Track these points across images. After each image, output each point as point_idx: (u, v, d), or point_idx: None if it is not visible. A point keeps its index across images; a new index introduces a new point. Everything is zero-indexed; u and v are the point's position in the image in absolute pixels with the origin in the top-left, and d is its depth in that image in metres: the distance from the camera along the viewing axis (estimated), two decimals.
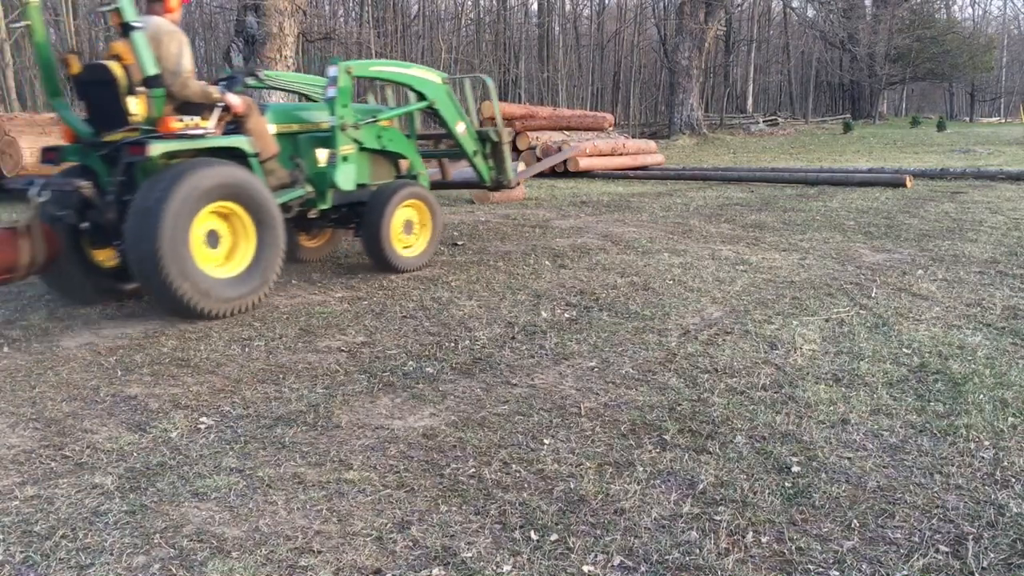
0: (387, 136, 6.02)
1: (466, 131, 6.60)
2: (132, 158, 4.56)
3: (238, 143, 4.94)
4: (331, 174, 5.51)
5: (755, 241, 7.08)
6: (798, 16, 43.71)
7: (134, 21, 4.51)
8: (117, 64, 4.64)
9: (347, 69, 5.55)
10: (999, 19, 65.85)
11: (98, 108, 4.86)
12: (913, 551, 2.25)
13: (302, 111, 5.88)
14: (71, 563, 2.18)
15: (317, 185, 5.57)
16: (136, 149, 4.50)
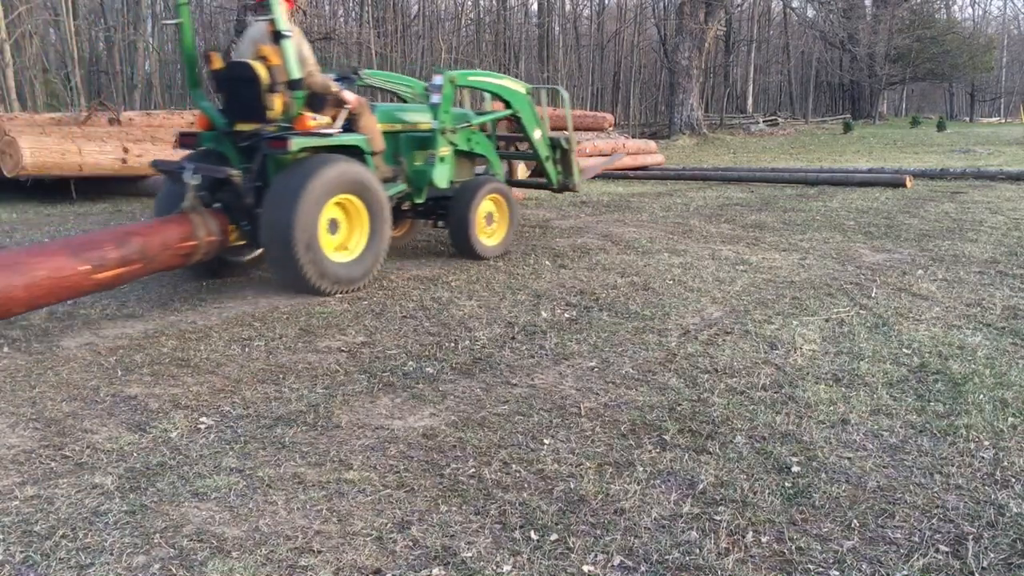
0: (475, 139, 6.61)
1: (541, 138, 7.13)
2: (273, 151, 5.08)
3: (358, 142, 5.45)
4: (429, 172, 6.07)
5: (755, 241, 7.08)
6: (798, 16, 43.71)
7: (285, 30, 5.01)
8: (261, 64, 5.10)
9: (451, 79, 6.22)
10: (999, 19, 65.84)
11: (235, 101, 5.34)
12: (913, 551, 2.25)
13: (402, 112, 6.32)
14: (71, 563, 2.18)
15: (415, 182, 6.12)
16: (278, 144, 5.01)
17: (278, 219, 4.88)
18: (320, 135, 5.22)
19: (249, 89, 5.13)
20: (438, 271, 5.82)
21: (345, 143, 5.37)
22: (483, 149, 6.72)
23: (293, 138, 5.00)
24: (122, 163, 9.36)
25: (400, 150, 6.14)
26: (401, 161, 6.13)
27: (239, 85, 5.22)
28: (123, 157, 9.36)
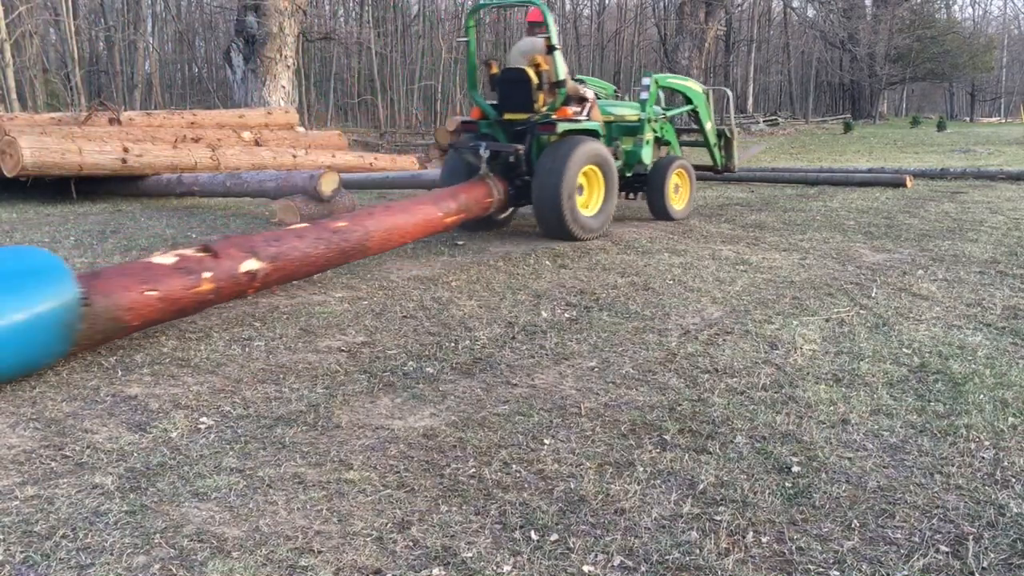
0: (665, 128, 8.53)
1: (712, 128, 9.09)
2: (543, 133, 6.94)
3: (596, 126, 7.25)
4: (639, 152, 7.93)
5: (755, 241, 7.08)
6: (798, 16, 43.72)
7: (557, 45, 6.90)
8: (533, 70, 6.97)
9: (655, 80, 8.21)
10: (999, 19, 65.86)
11: (507, 97, 7.15)
12: (913, 551, 2.25)
13: (613, 107, 8.07)
14: (71, 563, 2.18)
15: (627, 160, 7.94)
16: (547, 127, 6.88)
17: (548, 182, 6.65)
18: (575, 121, 7.00)
19: (521, 88, 6.99)
20: (438, 271, 5.82)
21: (588, 127, 7.13)
22: (670, 136, 8.65)
23: (558, 123, 6.86)
24: (122, 163, 9.36)
25: (613, 136, 7.85)
26: (618, 143, 7.86)
27: (512, 85, 7.06)
28: (123, 157, 9.36)
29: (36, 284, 3.47)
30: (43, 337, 3.46)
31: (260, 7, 14.97)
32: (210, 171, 9.99)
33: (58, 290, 3.50)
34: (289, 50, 15.59)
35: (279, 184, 8.39)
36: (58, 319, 3.47)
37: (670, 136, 8.68)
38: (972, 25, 55.08)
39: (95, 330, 3.69)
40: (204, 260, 4.21)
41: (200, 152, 10.31)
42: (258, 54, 15.21)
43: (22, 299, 3.39)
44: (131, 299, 3.78)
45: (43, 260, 3.63)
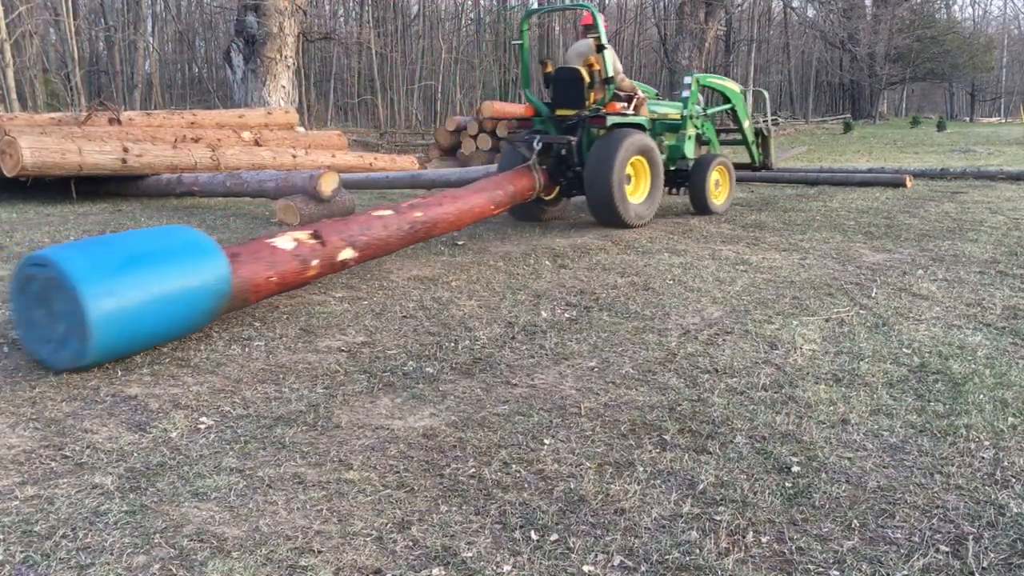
0: (705, 126, 8.94)
1: (750, 126, 9.54)
2: (593, 127, 7.46)
3: (643, 120, 7.77)
4: (682, 147, 8.44)
5: (755, 241, 7.08)
6: (798, 16, 43.72)
7: (606, 44, 7.39)
8: (585, 68, 7.58)
9: (696, 80, 8.62)
10: (999, 19, 65.86)
11: (560, 94, 7.72)
12: (913, 551, 2.25)
13: (656, 106, 8.51)
14: (71, 563, 2.18)
15: (670, 155, 8.45)
16: (597, 120, 7.39)
17: (599, 172, 7.12)
18: (623, 115, 7.55)
19: (574, 86, 7.58)
20: (438, 271, 5.82)
21: (635, 121, 7.65)
22: (710, 134, 9.06)
23: (608, 116, 7.36)
24: (122, 163, 9.36)
25: (657, 132, 8.35)
26: (662, 139, 8.39)
27: (565, 84, 7.65)
28: (123, 157, 9.36)
29: (202, 257, 4.07)
30: (206, 304, 4.05)
31: (260, 7, 14.98)
32: (210, 171, 9.99)
33: (216, 265, 4.09)
34: (289, 50, 15.60)
35: (279, 184, 8.39)
36: (216, 290, 4.06)
37: (710, 134, 9.09)
38: (972, 25, 55.09)
39: (229, 304, 4.24)
40: (315, 248, 4.76)
41: (200, 152, 10.31)
42: (258, 54, 15.21)
43: (195, 269, 4.00)
44: (257, 281, 4.35)
45: (202, 239, 4.22)
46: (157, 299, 3.79)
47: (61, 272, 3.56)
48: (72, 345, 3.59)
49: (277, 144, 11.94)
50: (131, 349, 3.85)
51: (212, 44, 32.12)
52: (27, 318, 3.78)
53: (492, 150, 15.41)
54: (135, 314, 3.70)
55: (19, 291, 3.80)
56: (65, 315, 3.58)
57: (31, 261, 3.73)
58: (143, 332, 3.81)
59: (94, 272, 3.62)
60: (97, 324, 3.52)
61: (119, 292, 3.64)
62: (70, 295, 3.53)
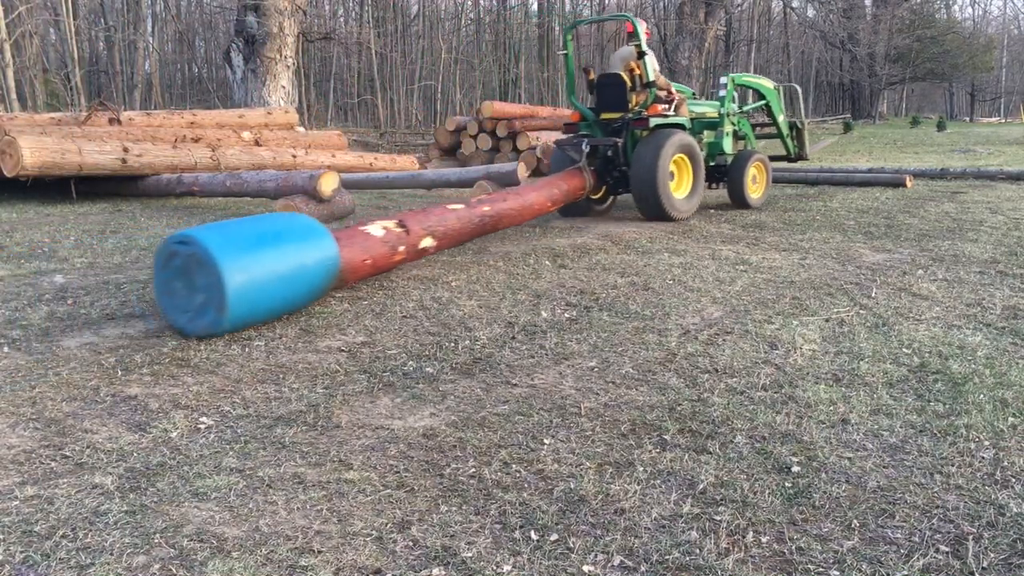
0: (741, 123, 9.59)
1: (784, 120, 10.12)
2: (637, 128, 8.01)
3: (684, 120, 8.33)
4: (720, 144, 9.10)
5: (755, 241, 7.08)
6: (798, 16, 43.72)
7: (646, 50, 7.99)
8: (626, 73, 8.14)
9: (732, 79, 9.24)
10: (999, 19, 65.85)
11: (604, 99, 8.30)
12: (913, 551, 2.25)
13: (695, 105, 9.00)
14: (71, 563, 2.18)
15: (709, 151, 9.07)
16: (640, 122, 7.97)
17: (645, 170, 7.72)
18: (664, 116, 8.09)
19: (617, 90, 8.16)
20: (438, 271, 5.82)
21: (677, 121, 8.19)
22: (746, 130, 9.74)
23: (650, 118, 7.93)
24: (122, 163, 9.36)
25: (696, 130, 8.85)
26: (701, 136, 8.95)
27: (608, 88, 8.23)
28: (123, 157, 9.36)
29: (315, 240, 4.54)
30: (319, 281, 4.53)
31: (260, 7, 14.97)
32: (210, 171, 9.99)
33: (327, 247, 4.57)
34: (289, 50, 15.59)
35: (279, 184, 8.39)
36: (327, 269, 4.56)
37: (746, 130, 9.72)
38: (972, 25, 55.08)
39: (333, 284, 4.71)
40: (401, 236, 5.26)
41: (200, 152, 10.31)
42: (258, 54, 15.21)
43: (310, 250, 4.47)
44: (355, 264, 4.84)
45: (315, 224, 4.65)
46: (280, 276, 4.29)
47: (204, 250, 4.02)
48: (210, 315, 4.07)
49: (277, 144, 11.94)
50: (256, 320, 4.32)
51: (212, 44, 32.12)
52: (167, 290, 4.23)
53: (492, 150, 15.42)
54: (262, 288, 4.20)
55: (162, 266, 4.23)
56: (204, 288, 4.04)
57: (175, 239, 4.18)
58: (267, 305, 4.31)
59: (231, 251, 4.08)
60: (233, 297, 4.00)
61: (250, 269, 4.12)
62: (211, 270, 3.99)
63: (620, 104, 8.17)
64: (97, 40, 27.98)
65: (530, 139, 14.86)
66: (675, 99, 8.35)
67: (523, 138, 14.93)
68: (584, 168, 7.92)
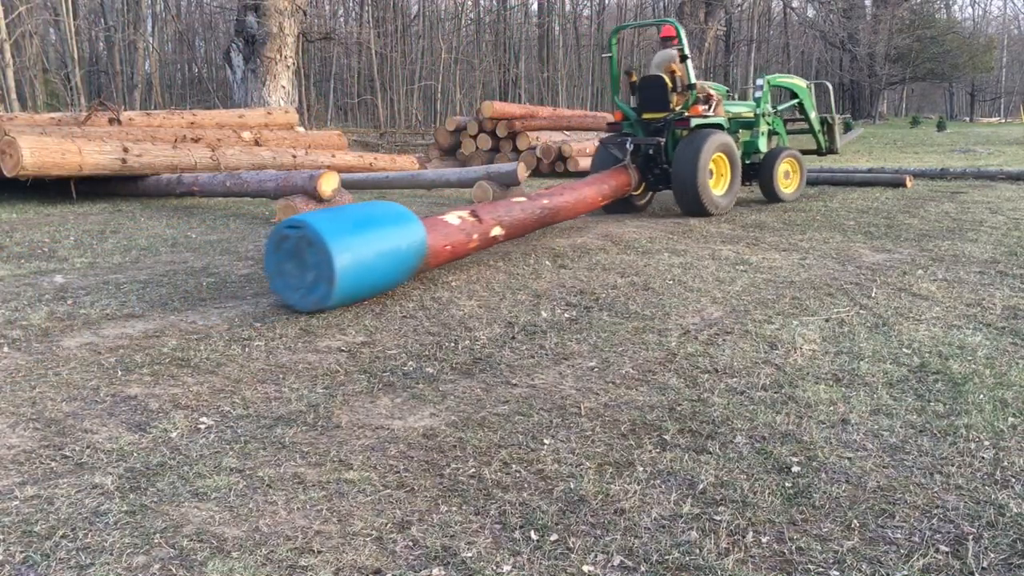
0: (775, 122, 9.99)
1: (816, 116, 10.50)
2: (678, 128, 8.41)
3: (722, 120, 8.73)
4: (756, 142, 9.47)
5: (755, 241, 7.08)
6: (798, 16, 43.71)
7: (688, 54, 8.45)
8: (668, 76, 8.46)
9: (768, 80, 9.74)
10: (999, 19, 65.84)
11: (646, 100, 8.67)
12: (913, 551, 2.25)
13: (731, 105, 9.45)
14: (71, 563, 2.18)
15: (745, 149, 9.45)
16: (682, 123, 8.37)
17: (685, 168, 8.12)
18: (704, 116, 8.50)
19: (658, 92, 8.50)
20: (438, 271, 5.82)
21: (715, 122, 8.62)
22: (779, 128, 10.14)
23: (691, 119, 8.35)
24: (122, 163, 9.36)
25: (732, 130, 9.21)
26: (738, 135, 9.37)
27: (651, 90, 8.59)
28: (123, 157, 9.35)
29: (407, 225, 5.00)
30: (410, 262, 4.99)
31: (260, 7, 14.97)
32: (210, 171, 9.99)
33: (417, 231, 5.02)
34: (289, 50, 15.59)
35: (279, 184, 8.39)
36: (417, 251, 5.00)
37: (779, 128, 10.18)
38: (972, 25, 55.07)
39: (420, 267, 5.14)
40: (474, 224, 5.72)
41: (200, 152, 10.31)
42: (258, 54, 15.21)
43: (403, 234, 4.93)
44: (438, 249, 5.27)
45: (406, 211, 5.10)
46: (379, 255, 4.74)
47: (314, 232, 4.48)
48: (320, 290, 4.51)
49: (277, 144, 11.94)
50: (358, 296, 4.76)
51: (212, 44, 32.12)
52: (279, 271, 4.70)
53: (492, 150, 15.42)
54: (364, 267, 4.65)
55: (273, 250, 4.69)
56: (314, 266, 4.51)
57: (287, 224, 4.65)
58: (369, 282, 4.75)
59: (337, 232, 4.54)
60: (341, 273, 4.46)
61: (354, 248, 4.57)
62: (321, 250, 4.45)
63: (662, 105, 8.52)
64: (97, 40, 27.98)
65: (530, 139, 14.86)
66: (713, 100, 8.76)
67: (523, 138, 14.92)
68: (629, 166, 8.36)
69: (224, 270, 5.78)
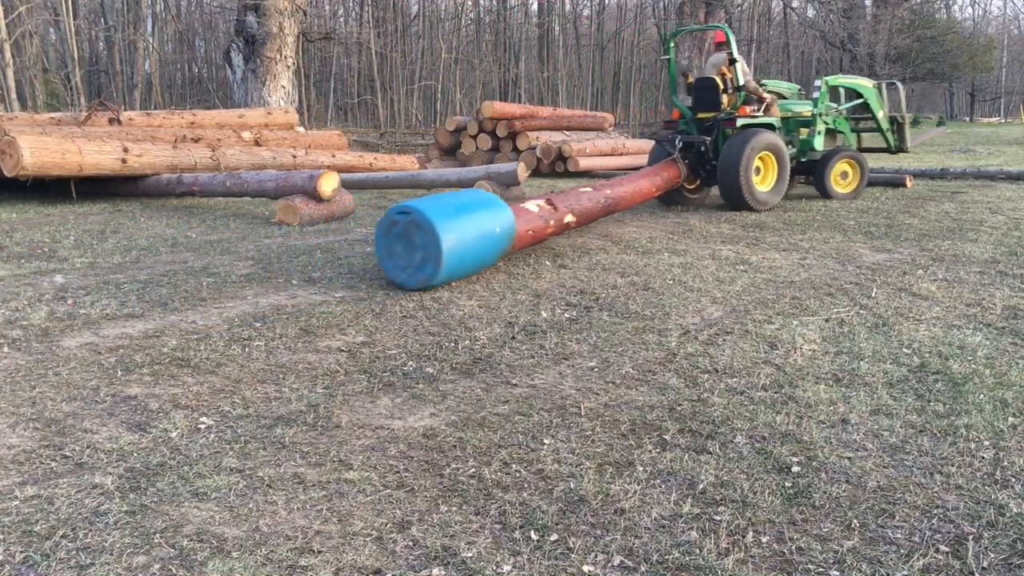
0: (837, 121, 10.28)
1: (884, 116, 10.70)
2: (727, 127, 8.97)
3: (772, 121, 9.19)
4: (811, 141, 9.80)
5: (755, 241, 7.08)
6: (798, 16, 43.69)
7: (737, 57, 8.90)
8: (719, 77, 9.06)
9: (826, 81, 10.06)
10: (999, 19, 65.82)
11: (700, 99, 9.27)
12: (913, 551, 2.25)
13: (791, 105, 9.96)
14: (71, 563, 2.18)
15: (801, 147, 9.87)
16: (730, 122, 8.93)
17: (730, 164, 8.60)
18: (752, 117, 9.01)
19: (710, 93, 9.11)
20: None
21: (764, 122, 9.10)
22: (843, 127, 10.40)
23: (738, 119, 8.86)
24: (122, 163, 9.35)
25: (790, 128, 9.83)
26: (793, 135, 9.84)
27: (704, 91, 9.19)
28: (123, 157, 9.35)
29: (498, 210, 5.56)
30: (501, 245, 5.55)
31: (260, 7, 14.97)
32: (210, 171, 9.99)
33: (508, 216, 5.59)
34: (289, 50, 15.59)
35: (279, 184, 8.39)
36: (508, 235, 5.57)
37: (843, 128, 10.39)
38: (972, 25, 55.05)
39: (508, 250, 5.70)
40: (551, 211, 6.28)
41: (200, 152, 10.30)
42: (258, 54, 15.20)
43: (495, 218, 5.49)
44: (521, 232, 5.78)
45: (497, 199, 5.70)
46: (477, 237, 5.26)
47: (422, 216, 5.00)
48: (428, 269, 5.02)
49: (277, 144, 11.93)
50: (459, 274, 5.26)
51: (212, 44, 32.12)
52: (388, 253, 5.21)
53: (492, 150, 15.42)
54: (466, 247, 5.15)
55: (384, 234, 5.21)
56: (422, 247, 5.01)
57: (395, 211, 5.17)
58: (469, 261, 5.26)
59: (442, 216, 5.05)
60: (447, 253, 4.97)
61: (457, 231, 5.07)
62: (429, 231, 4.96)
63: (713, 105, 9.11)
64: (97, 40, 27.99)
65: (530, 139, 14.86)
66: (767, 101, 9.26)
67: (523, 138, 14.92)
68: (679, 159, 8.95)
69: (224, 270, 5.78)
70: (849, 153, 10.06)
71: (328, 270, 5.87)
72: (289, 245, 6.82)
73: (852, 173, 10.06)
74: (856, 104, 10.66)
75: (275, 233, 7.47)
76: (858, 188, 10.07)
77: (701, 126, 9.24)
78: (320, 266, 5.98)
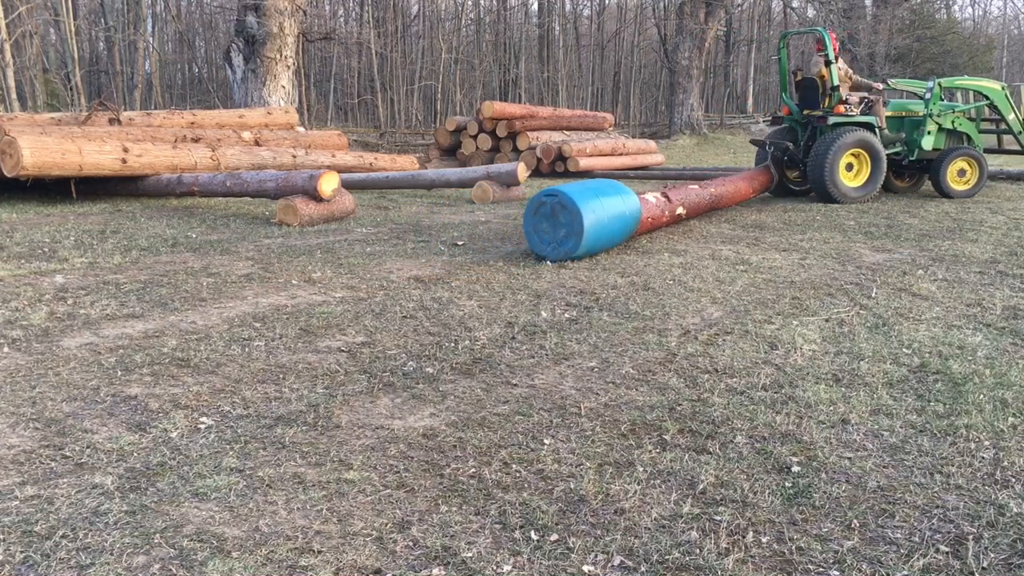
0: (958, 122, 10.49)
1: (1015, 118, 10.82)
2: (819, 125, 9.75)
3: (869, 120, 9.76)
4: (919, 140, 10.21)
5: (755, 241, 7.08)
6: (798, 16, 43.66)
7: (833, 59, 9.63)
8: (819, 79, 9.80)
9: (939, 83, 10.37)
10: (999, 19, 65.81)
11: (805, 99, 10.12)
12: (913, 551, 2.25)
13: (906, 104, 10.68)
14: (71, 563, 2.18)
15: (910, 145, 10.34)
16: (821, 120, 9.70)
17: (818, 161, 9.42)
18: (847, 116, 9.65)
19: (813, 92, 9.93)
20: (438, 271, 5.82)
21: (862, 120, 9.70)
22: (965, 128, 10.55)
23: (829, 117, 9.62)
24: (122, 163, 9.35)
25: (904, 127, 10.45)
26: (901, 133, 10.42)
27: (807, 90, 10.03)
28: (123, 157, 9.35)
29: (627, 196, 6.46)
30: (629, 227, 6.47)
31: (260, 7, 14.97)
32: (210, 171, 9.98)
33: (634, 202, 6.52)
34: (289, 50, 15.58)
35: (279, 184, 8.39)
36: (634, 218, 6.49)
37: (966, 128, 10.57)
38: (972, 25, 55.05)
39: (633, 233, 6.61)
40: (666, 203, 7.19)
41: (200, 152, 10.30)
42: (258, 54, 15.20)
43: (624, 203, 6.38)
44: (643, 219, 6.66)
45: (625, 187, 6.58)
46: (611, 217, 6.13)
47: (567, 197, 5.89)
48: (570, 243, 5.92)
49: (277, 144, 11.93)
50: (595, 249, 6.15)
51: (212, 44, 32.13)
52: (535, 230, 6.10)
53: (492, 150, 15.42)
54: (602, 226, 6.02)
55: (532, 214, 6.07)
56: (566, 224, 5.92)
57: (543, 194, 6.05)
58: (604, 238, 6.13)
59: (584, 198, 5.93)
60: (588, 229, 5.87)
61: (596, 211, 5.96)
62: (573, 210, 5.86)
63: (814, 104, 9.91)
64: (97, 40, 28.00)
65: (530, 139, 14.85)
66: (871, 100, 9.94)
67: (523, 138, 14.92)
68: (771, 167, 9.93)
69: (224, 270, 5.78)
70: (967, 151, 10.21)
71: (330, 269, 5.87)
72: (289, 245, 6.82)
73: (970, 171, 10.22)
74: (978, 106, 10.87)
75: (275, 233, 7.47)
76: (977, 186, 10.24)
77: (805, 123, 10.02)
78: (321, 266, 5.98)
